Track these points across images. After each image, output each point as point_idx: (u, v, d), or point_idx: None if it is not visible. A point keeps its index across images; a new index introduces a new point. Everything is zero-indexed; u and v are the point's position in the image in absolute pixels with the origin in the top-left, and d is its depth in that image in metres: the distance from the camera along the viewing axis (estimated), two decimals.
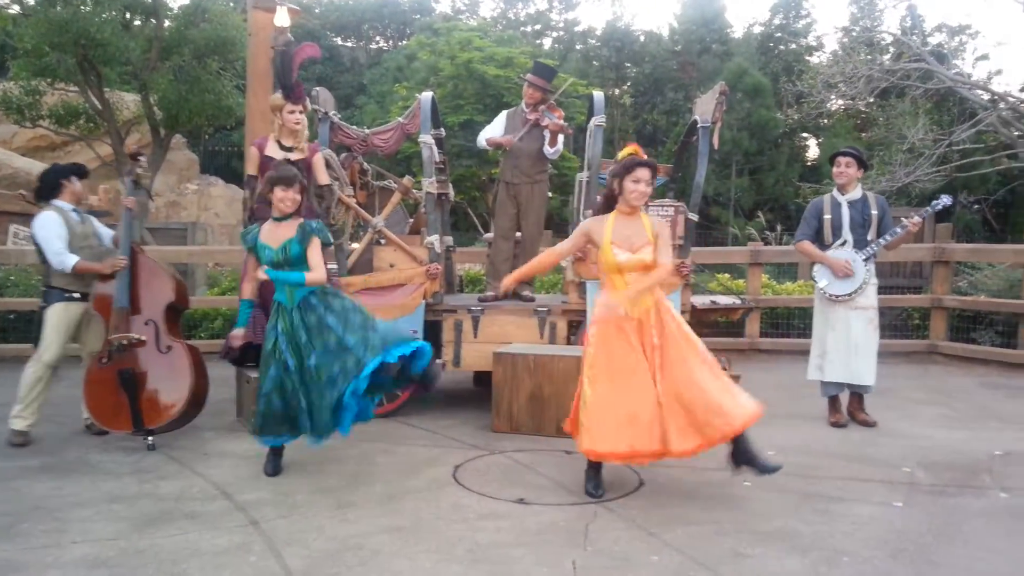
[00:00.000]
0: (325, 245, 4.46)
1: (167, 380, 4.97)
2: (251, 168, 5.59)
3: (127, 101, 14.48)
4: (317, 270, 4.32)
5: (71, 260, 4.96)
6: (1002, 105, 14.13)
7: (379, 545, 3.47)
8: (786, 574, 3.23)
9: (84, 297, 5.13)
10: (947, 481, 4.41)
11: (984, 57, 29.04)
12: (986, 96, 15.23)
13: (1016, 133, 13.49)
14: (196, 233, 11.95)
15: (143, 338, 4.98)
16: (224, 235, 17.17)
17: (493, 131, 6.59)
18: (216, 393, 6.01)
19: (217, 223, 17.59)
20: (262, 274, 4.33)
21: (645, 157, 4.15)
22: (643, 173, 4.05)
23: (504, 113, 6.73)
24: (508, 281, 4.48)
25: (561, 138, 6.43)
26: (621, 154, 4.22)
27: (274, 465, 4.46)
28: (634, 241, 4.05)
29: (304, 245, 4.31)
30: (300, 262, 4.30)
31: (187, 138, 19.55)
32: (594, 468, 4.18)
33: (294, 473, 4.47)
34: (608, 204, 4.21)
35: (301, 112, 5.59)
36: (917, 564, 3.33)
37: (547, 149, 6.37)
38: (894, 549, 3.47)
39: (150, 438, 4.89)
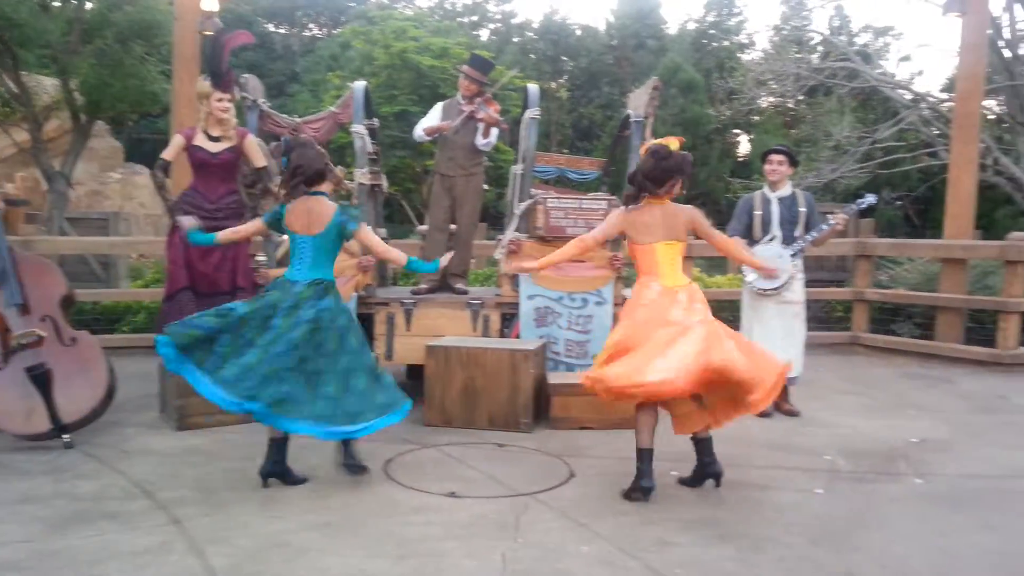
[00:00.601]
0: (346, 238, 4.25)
1: (79, 373, 4.81)
2: (167, 153, 5.46)
3: (46, 85, 13.91)
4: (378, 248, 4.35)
5: None
6: (923, 105, 14.64)
7: (306, 542, 3.41)
8: (712, 561, 3.29)
9: None
10: (866, 468, 4.55)
11: (907, 58, 30.10)
12: (908, 96, 15.76)
13: (936, 132, 14.00)
14: (119, 223, 11.56)
15: (43, 334, 4.80)
16: (149, 225, 16.65)
17: (429, 122, 6.53)
18: (138, 389, 5.86)
19: (142, 213, 17.07)
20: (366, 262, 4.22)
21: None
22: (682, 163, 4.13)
23: (440, 104, 6.69)
24: (535, 265, 4.54)
25: (495, 131, 6.42)
26: (672, 145, 4.15)
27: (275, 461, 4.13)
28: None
29: (347, 235, 4.19)
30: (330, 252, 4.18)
31: (110, 125, 18.89)
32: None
33: (218, 470, 4.36)
34: (638, 193, 4.18)
35: (229, 100, 5.46)
36: (837, 549, 3.42)
37: (479, 140, 6.34)
38: (815, 535, 3.57)
39: (67, 436, 4.71)
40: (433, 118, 6.54)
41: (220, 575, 3.10)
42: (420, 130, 6.55)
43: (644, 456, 3.98)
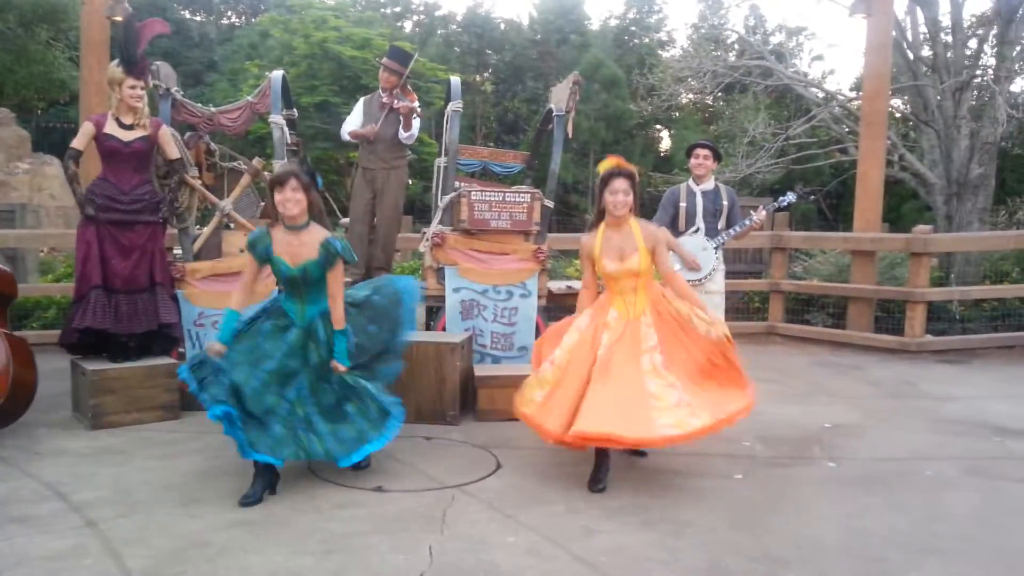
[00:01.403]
0: (347, 263, 4.05)
1: None
2: (77, 142, 5.22)
3: None
4: (336, 300, 3.96)
5: None
6: (834, 103, 15.14)
7: (227, 541, 3.34)
8: (635, 547, 3.35)
9: None
10: (782, 453, 4.71)
11: (819, 58, 31.06)
12: (820, 94, 16.26)
13: (846, 129, 14.48)
14: (26, 215, 11.05)
15: None
16: (60, 217, 15.94)
17: (353, 123, 6.52)
18: (50, 387, 5.62)
19: (52, 204, 16.29)
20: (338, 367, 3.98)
21: (623, 167, 4.22)
22: (619, 184, 4.15)
23: (360, 101, 6.65)
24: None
25: (416, 122, 6.39)
26: (601, 167, 4.27)
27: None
28: (623, 250, 4.16)
29: (326, 269, 3.89)
30: (319, 284, 3.94)
31: (16, 113, 18.01)
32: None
33: (135, 470, 4.23)
34: (599, 216, 4.30)
35: (143, 88, 5.27)
36: (754, 531, 3.54)
37: (402, 134, 6.31)
38: (734, 518, 3.68)
39: None
40: (356, 117, 6.53)
41: None
42: (345, 133, 6.56)
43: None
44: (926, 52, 13.30)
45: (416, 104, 6.37)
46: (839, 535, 3.52)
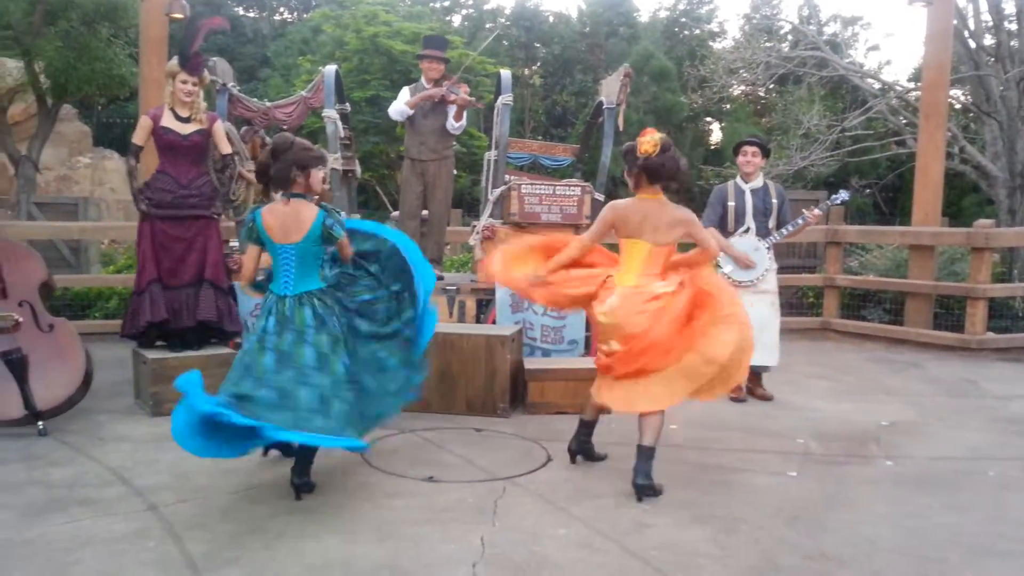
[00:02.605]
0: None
1: (56, 359, 4.74)
2: (138, 138, 5.35)
3: (9, 68, 13.62)
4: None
5: None
6: (891, 94, 14.81)
7: (284, 526, 3.41)
8: (687, 542, 3.33)
9: None
10: (837, 451, 4.63)
11: (875, 47, 30.41)
12: (877, 85, 15.93)
13: (904, 121, 14.17)
14: (88, 208, 11.38)
15: (19, 318, 4.73)
16: (120, 210, 16.40)
17: (403, 98, 6.44)
18: (112, 375, 5.80)
19: (113, 198, 16.80)
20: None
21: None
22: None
23: (405, 88, 6.63)
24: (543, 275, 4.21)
25: (466, 113, 6.40)
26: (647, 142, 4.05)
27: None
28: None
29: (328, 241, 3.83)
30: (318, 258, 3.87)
31: (78, 109, 18.56)
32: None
33: (194, 457, 4.31)
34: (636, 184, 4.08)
35: (195, 84, 5.37)
36: (809, 530, 3.49)
37: (451, 124, 6.30)
38: (788, 516, 3.63)
39: (41, 423, 4.65)
40: (401, 102, 6.48)
41: (198, 560, 3.09)
42: (401, 104, 6.33)
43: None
44: (988, 41, 12.92)
45: (471, 97, 6.37)
46: (896, 535, 3.46)
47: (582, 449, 4.31)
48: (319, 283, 3.86)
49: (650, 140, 3.84)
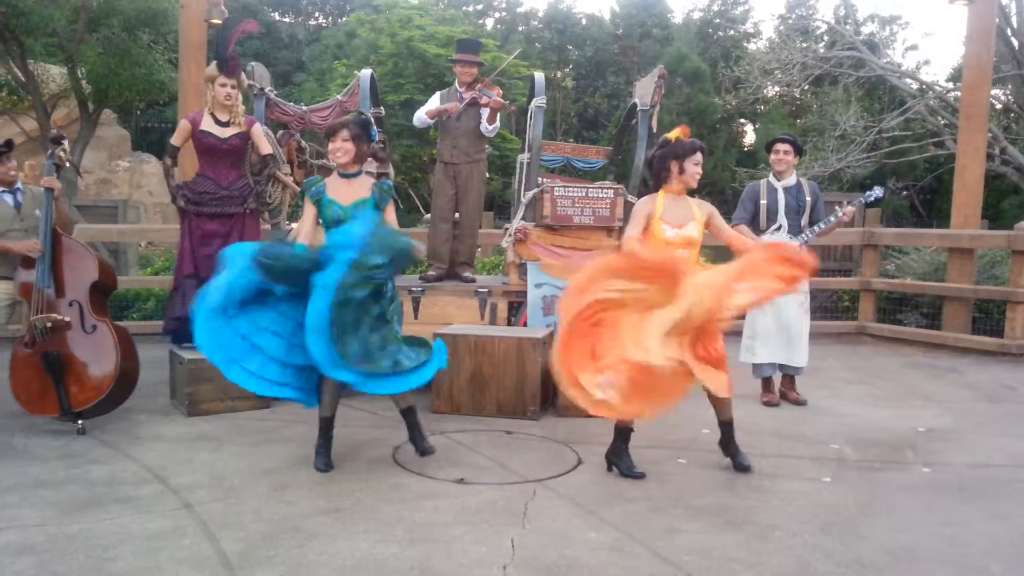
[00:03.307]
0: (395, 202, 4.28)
1: (92, 361, 4.82)
2: (176, 139, 5.55)
3: (53, 74, 13.89)
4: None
5: None
6: (930, 94, 14.58)
7: (317, 527, 3.44)
8: (719, 548, 3.31)
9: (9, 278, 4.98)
10: (873, 457, 4.56)
11: (913, 47, 29.96)
12: (915, 85, 15.71)
13: (943, 122, 13.94)
14: (127, 211, 11.60)
15: (67, 319, 4.82)
16: (158, 213, 16.68)
17: (429, 107, 6.48)
18: (149, 375, 5.88)
19: (151, 201, 17.07)
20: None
21: (699, 141, 4.26)
22: (700, 156, 4.23)
23: (437, 94, 6.64)
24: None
25: (499, 116, 6.41)
26: (672, 135, 4.26)
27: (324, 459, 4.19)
28: (681, 219, 4.19)
29: (381, 207, 4.14)
30: None
31: (118, 113, 18.89)
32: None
33: (229, 456, 4.39)
34: (657, 183, 4.32)
35: (233, 87, 5.46)
36: (844, 537, 3.44)
37: (485, 127, 6.31)
38: (823, 523, 3.58)
39: (80, 422, 4.75)
40: (431, 106, 6.50)
41: (233, 559, 3.13)
42: (422, 113, 6.40)
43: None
44: None
45: (504, 100, 6.38)
46: (934, 543, 3.40)
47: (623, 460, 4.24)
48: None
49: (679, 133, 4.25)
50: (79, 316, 4.88)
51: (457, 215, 6.52)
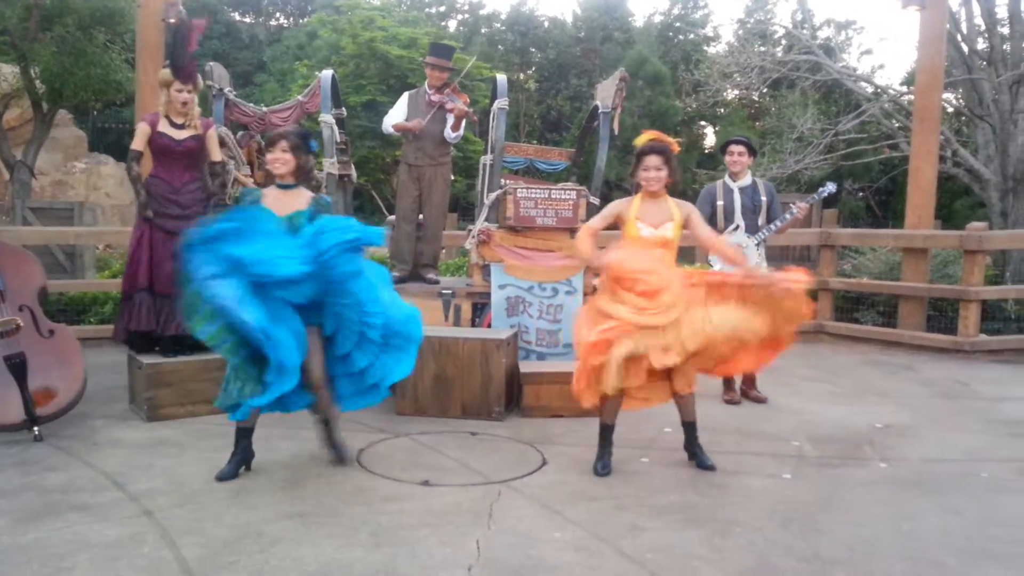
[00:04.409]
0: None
1: (56, 366, 4.74)
2: (137, 143, 5.35)
3: (5, 73, 13.61)
4: None
5: None
6: (884, 98, 14.86)
7: (280, 532, 3.41)
8: (683, 544, 3.34)
9: None
10: (832, 453, 4.64)
11: (868, 52, 30.54)
12: (870, 89, 15.98)
13: (897, 125, 14.22)
14: (84, 213, 11.36)
15: (20, 322, 4.72)
16: (116, 215, 16.39)
17: (397, 115, 6.48)
18: (107, 380, 5.79)
19: (108, 203, 16.77)
20: None
21: (656, 143, 4.26)
22: (651, 160, 4.20)
23: (406, 95, 6.65)
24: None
25: (464, 123, 6.42)
26: (636, 141, 4.31)
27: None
28: (658, 219, 4.21)
29: (313, 220, 4.03)
30: None
31: (74, 114, 18.53)
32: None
33: (190, 461, 4.33)
34: (638, 189, 4.38)
35: (190, 92, 5.36)
36: (804, 532, 3.50)
37: (448, 133, 6.33)
38: (784, 518, 3.64)
39: (36, 428, 4.64)
40: (400, 110, 6.50)
41: (193, 565, 3.08)
42: (389, 126, 6.47)
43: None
44: (981, 45, 12.97)
45: (469, 108, 6.38)
46: (892, 537, 3.47)
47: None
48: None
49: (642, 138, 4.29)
50: (32, 321, 4.78)
51: (421, 217, 6.52)
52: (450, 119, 6.27)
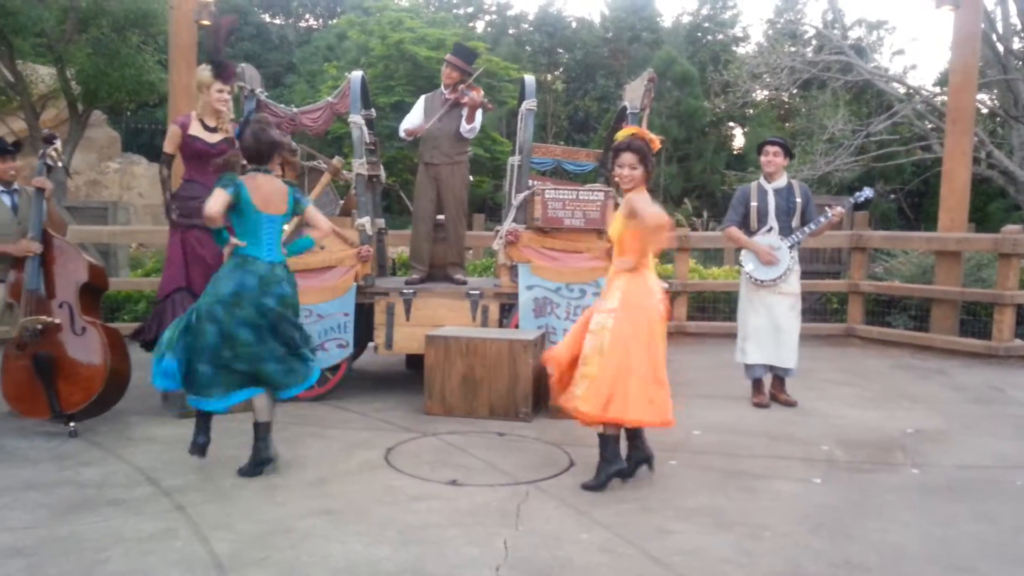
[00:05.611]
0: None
1: (83, 363, 4.81)
2: (169, 147, 5.40)
3: (42, 74, 13.85)
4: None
5: None
6: (916, 99, 14.69)
7: (309, 528, 3.44)
8: (710, 549, 3.33)
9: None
10: (862, 458, 4.60)
11: (900, 52, 30.15)
12: (902, 89, 15.80)
13: (929, 126, 14.06)
14: (118, 213, 11.53)
15: (57, 321, 4.80)
16: (148, 215, 16.63)
17: (413, 119, 6.52)
18: (141, 377, 5.84)
19: (141, 203, 17.02)
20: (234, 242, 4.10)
21: (633, 140, 4.09)
22: (624, 158, 4.06)
23: (422, 99, 6.67)
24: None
25: (479, 115, 6.43)
26: (617, 136, 4.24)
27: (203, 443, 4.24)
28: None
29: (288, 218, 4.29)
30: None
31: (108, 114, 18.82)
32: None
33: (221, 458, 4.38)
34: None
35: (229, 92, 5.43)
36: (834, 537, 3.47)
37: (464, 127, 6.34)
38: (813, 524, 3.61)
39: (72, 424, 4.73)
40: (416, 114, 6.54)
41: (224, 560, 3.12)
42: (403, 130, 6.57)
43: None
44: (1017, 44, 12.79)
45: (484, 99, 6.40)
46: (924, 543, 3.43)
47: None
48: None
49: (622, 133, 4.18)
50: (69, 318, 4.86)
51: (442, 217, 6.54)
52: (464, 112, 6.29)
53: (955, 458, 4.63)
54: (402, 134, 6.58)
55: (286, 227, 4.40)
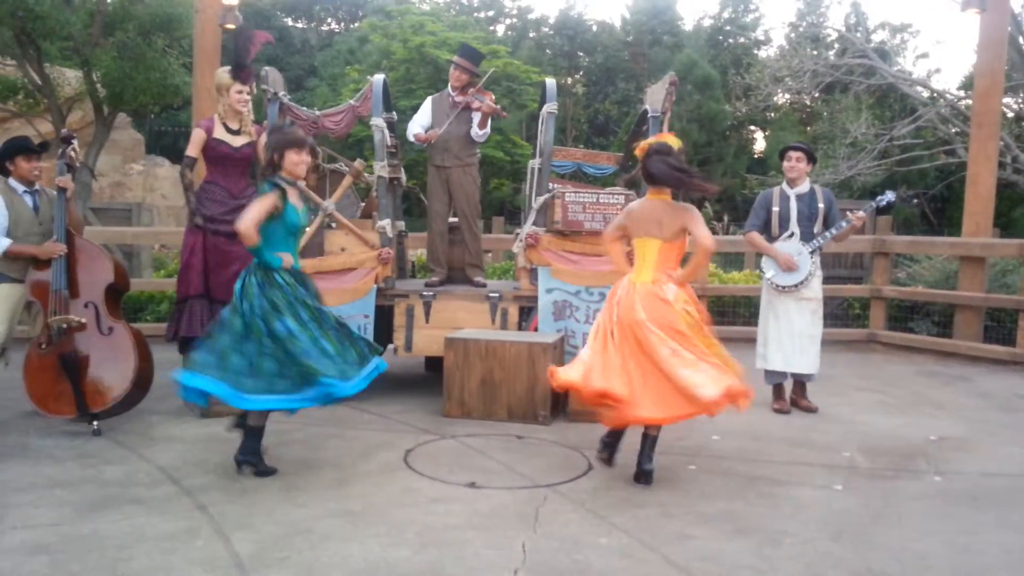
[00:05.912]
0: None
1: (110, 362, 4.86)
2: (192, 150, 5.42)
3: (68, 77, 14.00)
4: None
5: (2, 243, 4.81)
6: (941, 102, 14.55)
7: (329, 529, 3.46)
8: (730, 554, 3.31)
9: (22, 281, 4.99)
10: (885, 465, 4.56)
11: (924, 55, 29.90)
12: (926, 93, 15.66)
13: (954, 130, 13.92)
14: (141, 214, 11.67)
15: (83, 320, 4.86)
16: (171, 216, 16.80)
17: (421, 120, 6.54)
18: (163, 377, 5.90)
19: (164, 204, 17.20)
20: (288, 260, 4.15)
21: (666, 144, 4.21)
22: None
23: (429, 99, 6.69)
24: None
25: (490, 121, 6.45)
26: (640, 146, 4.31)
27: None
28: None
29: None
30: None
31: (132, 117, 19.00)
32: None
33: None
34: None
35: (248, 93, 5.47)
36: (856, 545, 3.44)
37: (475, 131, 6.37)
38: (834, 531, 3.58)
39: (95, 423, 4.79)
40: (423, 115, 6.56)
41: (245, 560, 3.15)
42: (411, 134, 6.58)
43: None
44: None
45: (497, 105, 6.42)
46: (947, 552, 3.39)
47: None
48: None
49: (641, 144, 4.22)
50: (95, 318, 4.91)
51: (455, 219, 6.57)
52: (476, 117, 6.32)
53: (979, 466, 4.57)
54: (411, 138, 6.59)
55: (308, 230, 4.45)
